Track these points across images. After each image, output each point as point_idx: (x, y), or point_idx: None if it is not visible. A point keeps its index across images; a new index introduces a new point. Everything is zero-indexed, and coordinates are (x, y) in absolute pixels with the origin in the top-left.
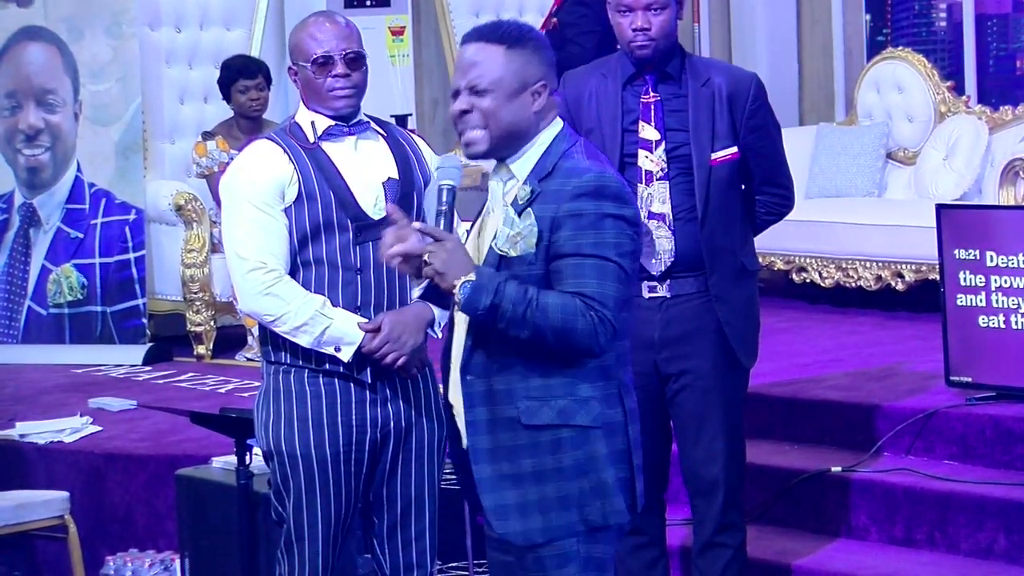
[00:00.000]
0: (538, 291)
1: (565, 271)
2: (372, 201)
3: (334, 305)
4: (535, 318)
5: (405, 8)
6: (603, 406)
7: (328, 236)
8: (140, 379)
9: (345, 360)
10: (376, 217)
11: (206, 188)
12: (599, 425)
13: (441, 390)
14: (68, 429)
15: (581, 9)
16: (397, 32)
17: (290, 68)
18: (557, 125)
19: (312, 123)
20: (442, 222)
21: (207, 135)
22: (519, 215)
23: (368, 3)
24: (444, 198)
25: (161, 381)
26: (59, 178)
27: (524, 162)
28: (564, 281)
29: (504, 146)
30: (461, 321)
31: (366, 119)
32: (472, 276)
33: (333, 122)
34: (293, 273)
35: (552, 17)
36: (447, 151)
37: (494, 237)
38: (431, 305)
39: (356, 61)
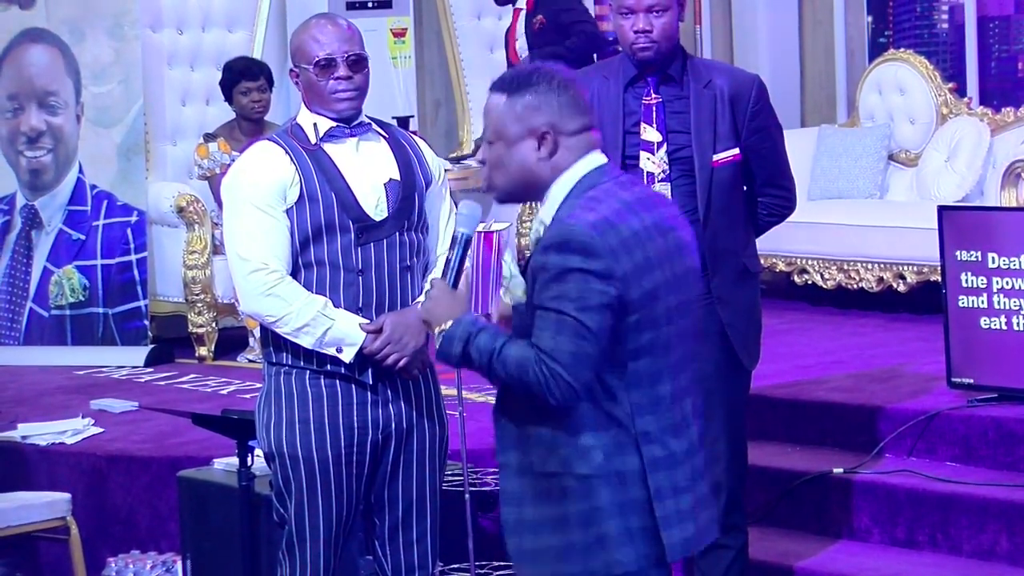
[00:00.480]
0: (506, 342)
1: (534, 323)
2: (374, 203)
3: (336, 306)
4: (497, 369)
5: (407, 10)
6: (609, 455)
7: (330, 237)
8: (142, 381)
9: (347, 361)
10: (378, 218)
11: (208, 190)
12: (600, 475)
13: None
14: (70, 431)
15: (578, 5)
16: (399, 34)
17: (292, 70)
18: (587, 163)
19: (314, 125)
20: (447, 270)
21: (209, 137)
22: (509, 264)
23: (370, 5)
24: (453, 247)
25: (163, 383)
26: (61, 180)
27: (551, 206)
28: (533, 333)
29: (518, 193)
30: None
31: (367, 121)
32: (447, 325)
33: (335, 124)
34: (295, 274)
35: (534, 17)
36: (449, 153)
37: None
38: None
39: (358, 63)
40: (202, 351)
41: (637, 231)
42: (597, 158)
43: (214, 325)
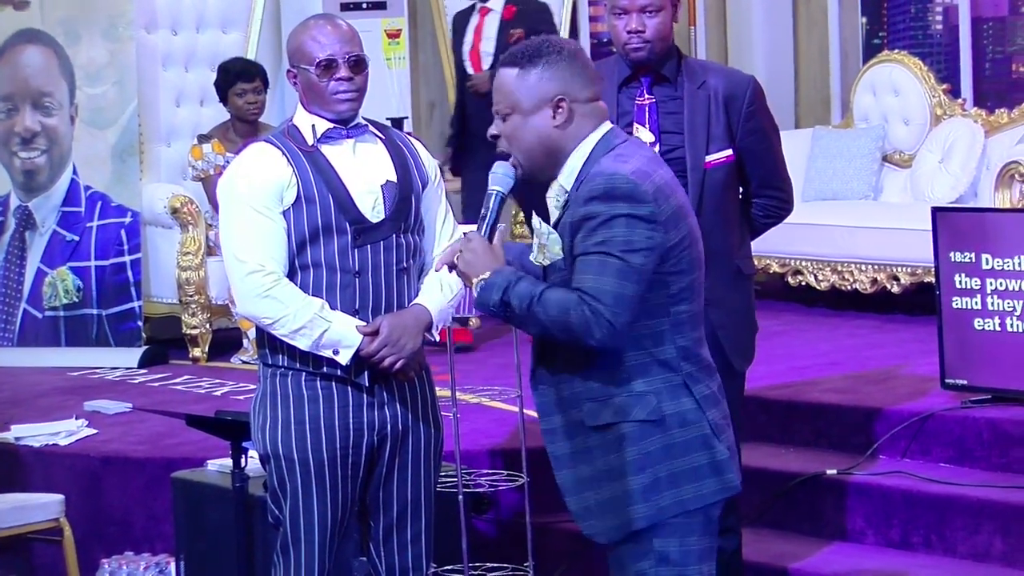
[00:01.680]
0: (545, 288)
1: (575, 270)
2: (371, 204)
3: (332, 308)
4: (537, 314)
5: (401, 11)
6: (664, 399)
7: (327, 239)
8: (136, 382)
9: (343, 363)
10: (374, 220)
11: (202, 191)
12: (657, 418)
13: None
14: (64, 432)
15: (547, 16)
16: (393, 35)
17: (289, 71)
18: (600, 131)
19: (312, 126)
20: (483, 225)
21: (203, 138)
22: (541, 224)
23: (364, 6)
24: (488, 203)
25: (157, 384)
26: (55, 181)
27: (569, 174)
28: (573, 279)
29: (540, 165)
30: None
31: (364, 122)
32: (487, 275)
33: (332, 125)
34: (291, 276)
35: (511, 28)
36: (443, 153)
37: None
38: (429, 308)
39: (359, 64)
40: (196, 352)
41: (668, 181)
42: (606, 126)
43: (208, 326)
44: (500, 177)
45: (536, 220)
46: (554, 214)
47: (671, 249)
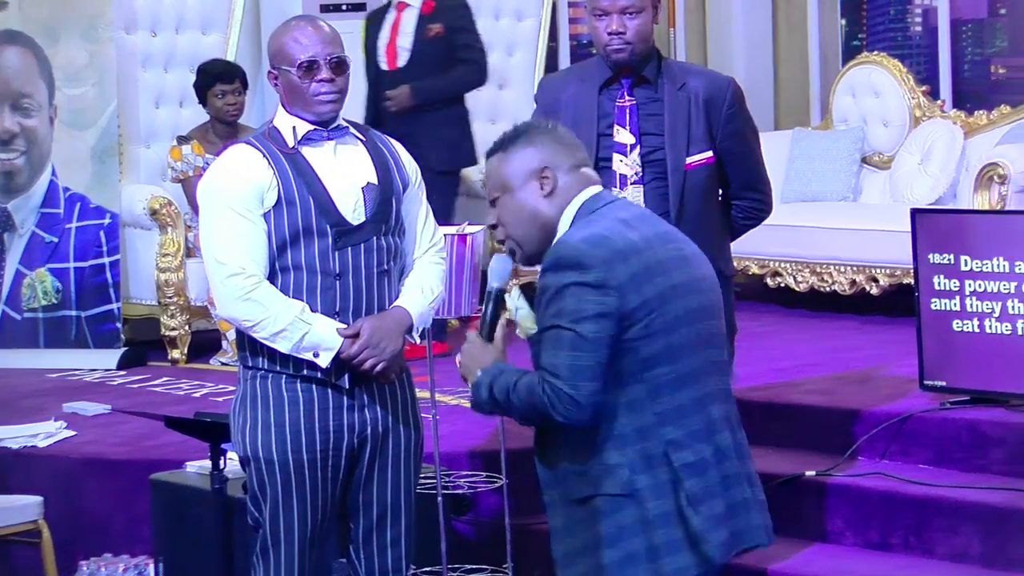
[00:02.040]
0: (523, 375)
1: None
2: (351, 206)
3: (313, 310)
4: (514, 402)
5: None
6: (638, 471)
7: (307, 241)
8: (115, 383)
9: (324, 366)
10: (355, 222)
11: (181, 192)
12: (628, 492)
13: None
14: (42, 434)
15: (466, 12)
16: None
17: (270, 72)
18: (584, 195)
19: (293, 128)
20: (482, 325)
21: (183, 139)
22: (515, 298)
23: (344, 7)
24: (487, 300)
25: (136, 385)
26: (34, 182)
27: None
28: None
29: (536, 241)
30: None
31: (345, 124)
32: (478, 374)
33: (313, 127)
34: (272, 278)
35: (430, 23)
36: None
37: None
38: (410, 310)
39: (340, 66)
40: (175, 354)
41: (634, 241)
42: (592, 190)
43: (187, 328)
44: (497, 273)
45: (511, 294)
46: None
47: (633, 312)
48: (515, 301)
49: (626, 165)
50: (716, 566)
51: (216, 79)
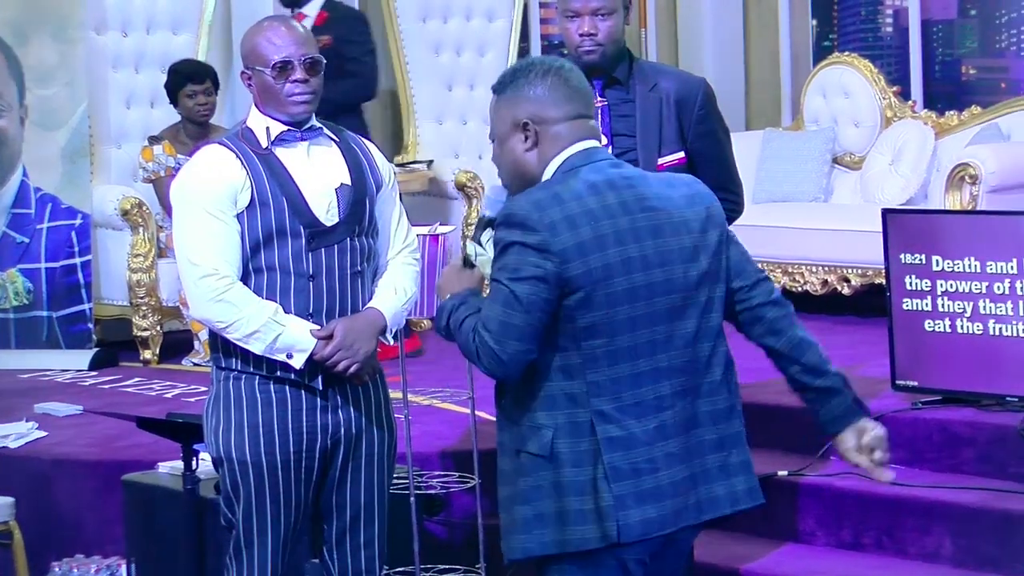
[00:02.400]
0: (471, 314)
1: None
2: (325, 207)
3: (286, 312)
4: (459, 340)
5: None
6: (561, 435)
7: (281, 242)
8: (86, 384)
9: (297, 367)
10: (329, 223)
11: (153, 193)
12: (546, 455)
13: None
14: (13, 435)
15: (360, 26)
16: None
17: (243, 72)
18: (567, 151)
19: (266, 128)
20: (465, 246)
21: (154, 139)
22: (472, 243)
23: None
24: (476, 227)
25: (107, 386)
26: (5, 183)
27: None
28: None
29: (519, 189)
30: None
31: (318, 125)
32: (446, 298)
33: (287, 127)
34: (245, 279)
35: (319, 36)
36: (394, 156)
37: None
38: (384, 311)
39: (315, 66)
40: (147, 354)
41: (591, 209)
42: (584, 144)
43: (159, 328)
44: (492, 201)
45: (467, 241)
46: None
47: (573, 280)
48: (476, 246)
49: None
50: (615, 543)
51: (187, 79)
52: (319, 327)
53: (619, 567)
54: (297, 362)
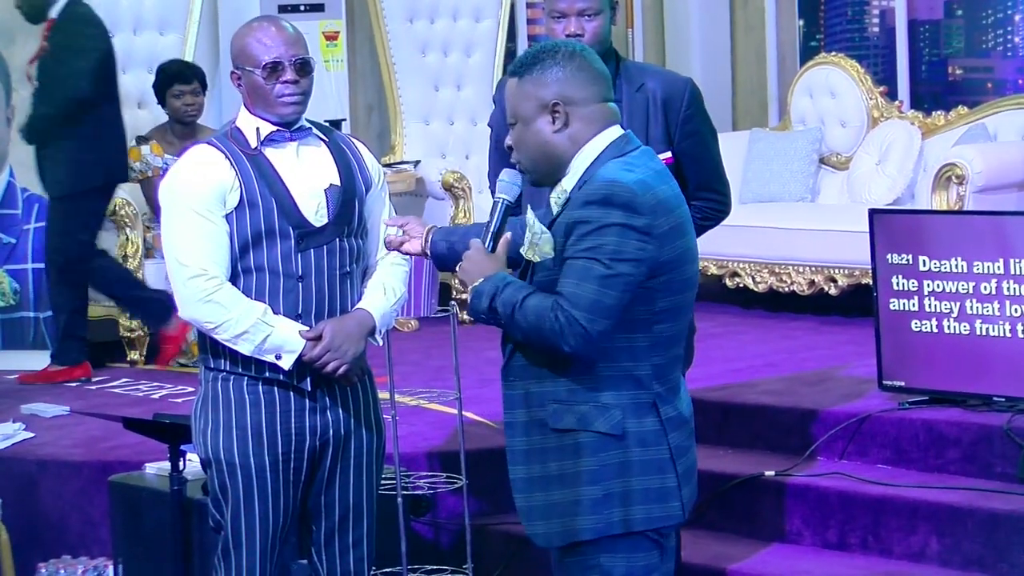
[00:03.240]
0: (529, 294)
1: (561, 274)
2: (314, 208)
3: (275, 313)
4: (519, 321)
5: (339, 13)
6: (628, 415)
7: (270, 243)
8: (73, 385)
9: (286, 368)
10: (318, 224)
11: (140, 193)
12: (618, 433)
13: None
14: (0, 436)
15: (89, 29)
16: (331, 37)
17: (233, 72)
18: (610, 134)
19: (256, 129)
20: (486, 233)
21: (141, 140)
22: (534, 223)
23: (302, 8)
24: (494, 210)
25: (94, 387)
26: None
27: (573, 177)
28: (558, 283)
29: (544, 171)
30: None
31: (308, 125)
32: (479, 282)
33: (276, 128)
34: (234, 280)
35: (44, 42)
36: (381, 156)
37: None
38: (372, 312)
39: (304, 67)
40: (134, 355)
41: (668, 197)
42: (616, 131)
43: (145, 329)
44: (507, 185)
45: (530, 216)
46: (553, 212)
47: (663, 265)
48: (537, 224)
49: None
50: (680, 522)
51: (174, 79)
52: (308, 328)
53: (657, 549)
54: (286, 363)
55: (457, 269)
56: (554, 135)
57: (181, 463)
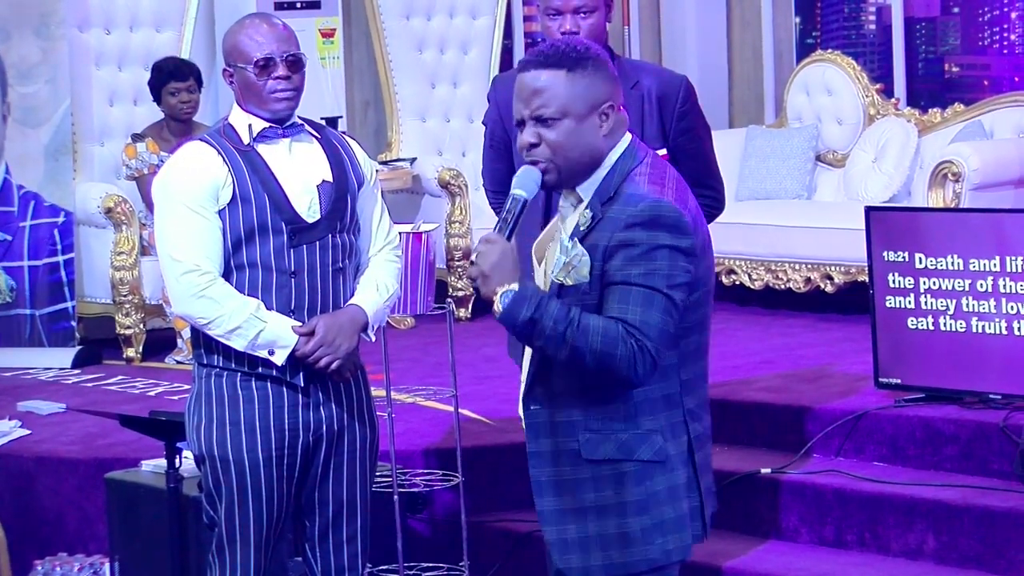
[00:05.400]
0: (580, 312)
1: (611, 298)
2: (306, 204)
3: (268, 308)
4: (575, 339)
5: (335, 10)
6: (666, 438)
7: (262, 239)
8: (69, 382)
9: (279, 363)
10: (310, 220)
11: (136, 190)
12: (662, 459)
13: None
14: None
15: None
16: (327, 34)
17: (226, 69)
18: (624, 142)
19: (248, 125)
20: (503, 228)
21: (137, 137)
22: (574, 242)
23: (298, 5)
24: (508, 206)
25: (90, 384)
26: None
27: (590, 185)
28: (608, 308)
29: (576, 175)
30: (528, 350)
31: (300, 121)
32: (515, 286)
33: (268, 124)
34: (227, 276)
35: None
36: (377, 154)
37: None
38: (365, 308)
39: (296, 64)
40: (130, 352)
41: (695, 209)
42: (628, 138)
43: (142, 326)
44: (526, 182)
45: (566, 237)
46: (569, 226)
47: (698, 281)
48: (577, 246)
49: None
50: (700, 541)
51: (170, 76)
52: (301, 324)
53: (677, 570)
54: (279, 358)
55: (475, 260)
56: (602, 139)
57: (177, 460)
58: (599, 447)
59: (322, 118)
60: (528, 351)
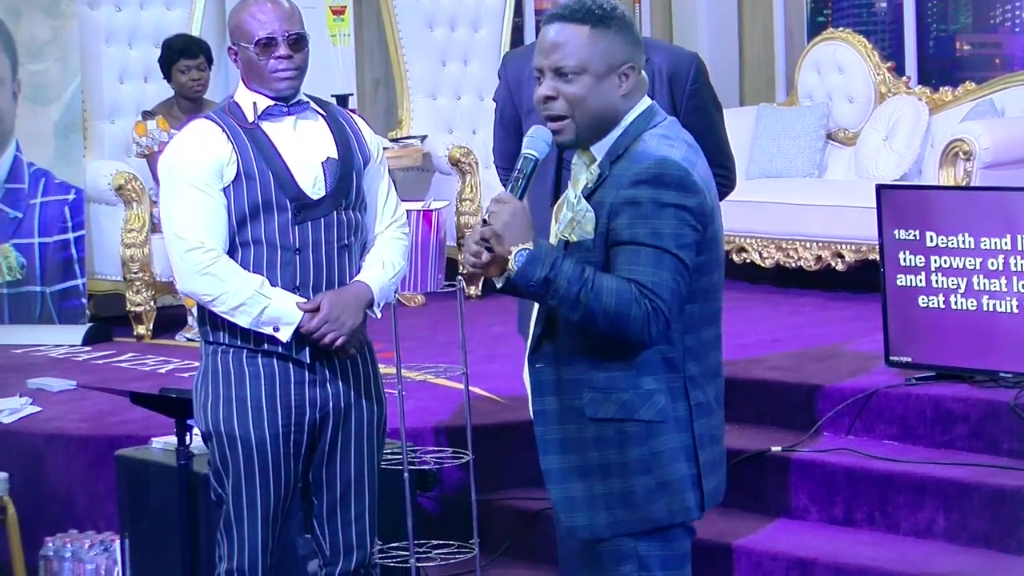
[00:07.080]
0: (595, 272)
1: (620, 258)
2: (311, 181)
3: (273, 285)
4: (588, 299)
5: None
6: (668, 400)
7: (267, 216)
8: (80, 359)
9: (284, 340)
10: (315, 197)
11: (146, 168)
12: (663, 420)
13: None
14: (7, 410)
15: None
16: (338, 12)
17: (230, 48)
18: (642, 105)
19: (253, 103)
20: (515, 188)
21: (147, 114)
22: (579, 197)
23: None
24: (520, 165)
25: (101, 361)
26: None
27: (604, 144)
28: (619, 268)
29: (592, 133)
30: (535, 308)
31: (306, 99)
32: (530, 244)
33: (273, 102)
34: (231, 253)
35: None
36: (388, 131)
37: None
38: (371, 285)
39: (299, 42)
40: (140, 329)
41: (707, 175)
42: (647, 101)
43: (152, 303)
44: (538, 142)
45: (572, 193)
46: (579, 183)
47: (702, 244)
48: (582, 202)
49: None
50: (700, 514)
51: (180, 54)
52: (305, 300)
53: (690, 537)
54: (284, 335)
55: (488, 219)
56: (620, 99)
57: (188, 437)
58: (602, 406)
59: (332, 96)
60: (535, 310)
